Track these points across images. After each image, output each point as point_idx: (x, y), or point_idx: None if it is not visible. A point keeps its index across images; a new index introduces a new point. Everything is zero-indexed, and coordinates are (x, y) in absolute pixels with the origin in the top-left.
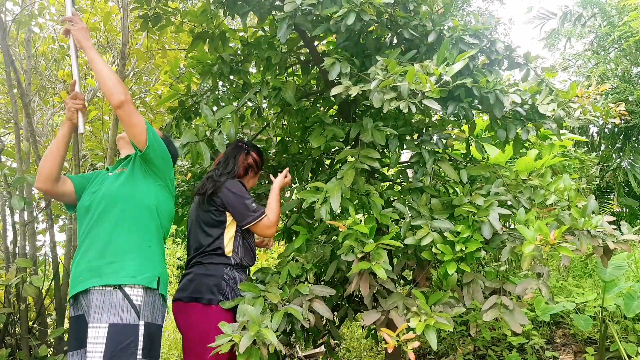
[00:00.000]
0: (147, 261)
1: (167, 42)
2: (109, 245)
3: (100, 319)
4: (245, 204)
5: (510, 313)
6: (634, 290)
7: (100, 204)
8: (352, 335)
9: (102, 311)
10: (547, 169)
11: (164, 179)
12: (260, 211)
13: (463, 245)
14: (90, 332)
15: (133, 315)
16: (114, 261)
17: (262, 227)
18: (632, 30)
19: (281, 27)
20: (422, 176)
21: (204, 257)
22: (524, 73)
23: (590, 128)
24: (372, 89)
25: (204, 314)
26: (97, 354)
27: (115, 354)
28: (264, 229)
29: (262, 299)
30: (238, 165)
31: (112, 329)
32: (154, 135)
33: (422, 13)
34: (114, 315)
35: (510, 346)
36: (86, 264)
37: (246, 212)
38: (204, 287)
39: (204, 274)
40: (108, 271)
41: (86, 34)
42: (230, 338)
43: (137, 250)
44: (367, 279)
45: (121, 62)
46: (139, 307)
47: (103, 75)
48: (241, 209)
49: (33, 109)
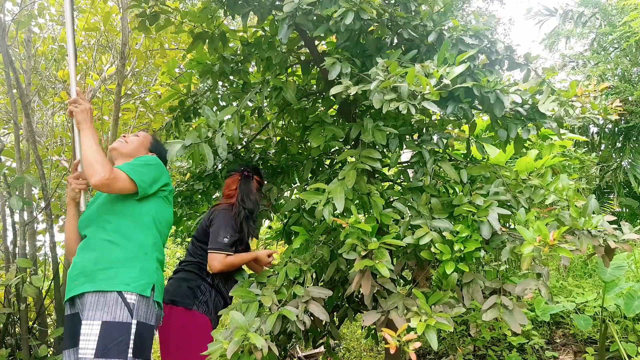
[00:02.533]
0: (142, 270)
1: (167, 41)
2: (104, 252)
3: (94, 316)
4: (222, 234)
5: (510, 313)
6: (634, 290)
7: (97, 212)
8: (352, 335)
9: (95, 309)
10: (547, 169)
11: (161, 191)
12: (227, 250)
13: (462, 245)
14: (83, 329)
15: (126, 314)
16: (109, 267)
17: (217, 259)
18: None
19: (282, 27)
20: (422, 176)
21: (187, 265)
22: (524, 73)
23: (590, 128)
24: (372, 90)
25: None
26: (89, 351)
27: (106, 351)
28: (215, 262)
29: (257, 303)
30: (254, 193)
31: (105, 326)
32: (136, 172)
33: (422, 13)
34: (107, 313)
35: (510, 346)
36: (81, 269)
37: (216, 239)
38: (182, 291)
39: (183, 278)
40: (102, 277)
41: (87, 115)
42: (221, 346)
43: (132, 259)
44: (369, 278)
45: (121, 62)
46: (132, 306)
47: (88, 154)
48: (217, 234)
49: (33, 109)
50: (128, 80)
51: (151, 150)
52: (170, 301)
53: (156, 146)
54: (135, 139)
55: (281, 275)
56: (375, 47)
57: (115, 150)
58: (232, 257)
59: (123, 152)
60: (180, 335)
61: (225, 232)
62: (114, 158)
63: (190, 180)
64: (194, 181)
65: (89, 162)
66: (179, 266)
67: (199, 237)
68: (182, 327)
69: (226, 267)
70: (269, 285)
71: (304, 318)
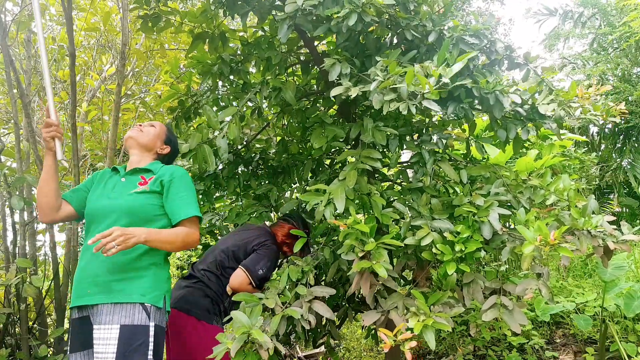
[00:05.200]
0: (156, 280)
1: (167, 41)
2: (119, 262)
3: (112, 320)
4: (263, 264)
5: (509, 313)
6: (634, 291)
7: (112, 215)
8: (352, 335)
9: (113, 313)
10: (547, 169)
11: None
12: (256, 280)
13: (463, 245)
14: (100, 334)
15: (144, 317)
16: (124, 279)
17: (243, 280)
18: (632, 31)
19: (282, 28)
20: (422, 176)
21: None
22: (524, 73)
23: (590, 128)
24: (372, 90)
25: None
26: (110, 355)
27: (127, 355)
28: (240, 279)
29: (261, 307)
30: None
31: (124, 329)
32: (197, 209)
33: (422, 13)
34: (125, 317)
35: (510, 346)
36: (93, 278)
37: (256, 263)
38: (204, 305)
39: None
40: (117, 288)
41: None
42: (226, 347)
43: (146, 268)
44: (368, 278)
45: (121, 62)
46: (149, 309)
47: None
48: (258, 262)
49: (33, 109)
50: (128, 81)
51: (166, 143)
52: (189, 311)
53: (171, 138)
54: (152, 130)
55: (283, 278)
56: (375, 47)
57: (132, 139)
58: (251, 289)
59: (140, 142)
60: (202, 348)
61: (266, 264)
62: (129, 147)
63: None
64: (196, 182)
65: (179, 247)
66: (196, 272)
67: (237, 256)
68: (201, 339)
69: (241, 291)
70: (272, 288)
71: (308, 317)
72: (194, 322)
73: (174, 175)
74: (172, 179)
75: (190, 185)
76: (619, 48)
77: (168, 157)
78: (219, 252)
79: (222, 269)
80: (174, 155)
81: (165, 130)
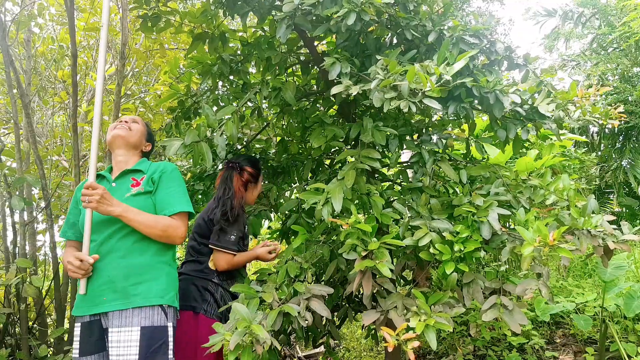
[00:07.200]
0: (170, 280)
1: (167, 41)
2: (132, 265)
3: (131, 322)
4: (228, 232)
5: (509, 313)
6: (634, 290)
7: (114, 223)
8: (352, 335)
9: (132, 315)
10: (547, 169)
11: None
12: (233, 248)
13: (462, 245)
14: (120, 336)
15: (163, 318)
16: (141, 282)
17: (224, 259)
18: (631, 31)
19: (280, 27)
20: (422, 176)
21: (190, 264)
22: (523, 74)
23: (590, 128)
24: (372, 89)
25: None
26: (132, 357)
27: (149, 356)
28: (222, 261)
29: (258, 300)
30: (234, 187)
31: (144, 331)
32: (188, 204)
33: (422, 13)
34: (144, 319)
35: (510, 346)
36: (109, 284)
37: (222, 236)
38: (189, 294)
39: (188, 279)
40: (134, 292)
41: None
42: (223, 337)
43: (159, 268)
44: (370, 278)
45: (120, 62)
46: (166, 309)
47: (150, 230)
48: (222, 232)
49: (33, 109)
50: (128, 80)
51: (148, 140)
52: (183, 306)
53: (151, 133)
54: (138, 127)
55: (281, 273)
56: (375, 46)
57: (122, 139)
58: (237, 257)
59: (131, 141)
60: (184, 341)
61: (232, 228)
62: (117, 146)
63: (191, 180)
64: (195, 181)
65: (157, 235)
66: (181, 266)
67: (201, 232)
68: (184, 333)
69: (232, 267)
70: (270, 282)
71: (305, 315)
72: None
73: (163, 171)
74: (162, 175)
75: (179, 179)
76: (618, 48)
77: (149, 153)
78: (190, 240)
79: (196, 253)
80: (152, 151)
81: (146, 126)
